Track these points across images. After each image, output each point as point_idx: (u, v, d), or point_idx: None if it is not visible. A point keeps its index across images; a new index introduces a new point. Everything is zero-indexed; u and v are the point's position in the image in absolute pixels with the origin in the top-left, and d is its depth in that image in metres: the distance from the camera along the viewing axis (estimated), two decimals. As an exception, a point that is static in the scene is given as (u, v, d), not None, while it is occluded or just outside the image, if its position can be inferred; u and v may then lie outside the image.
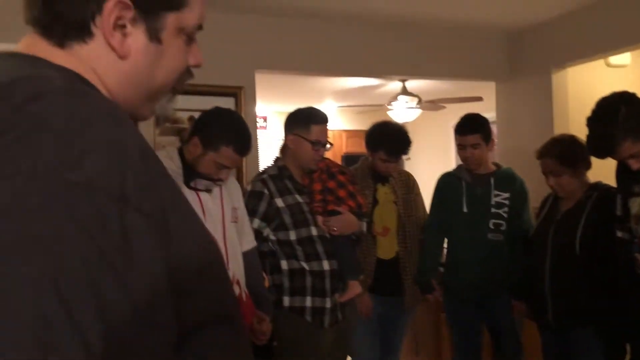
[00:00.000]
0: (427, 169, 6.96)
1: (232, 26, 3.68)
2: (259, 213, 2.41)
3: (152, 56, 0.75)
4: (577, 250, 2.51)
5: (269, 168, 2.57)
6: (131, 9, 0.71)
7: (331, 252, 2.48)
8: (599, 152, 2.18)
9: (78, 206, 0.55)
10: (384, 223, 3.06)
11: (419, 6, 3.74)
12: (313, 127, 2.47)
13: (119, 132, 0.62)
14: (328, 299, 2.45)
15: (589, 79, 4.23)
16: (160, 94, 0.81)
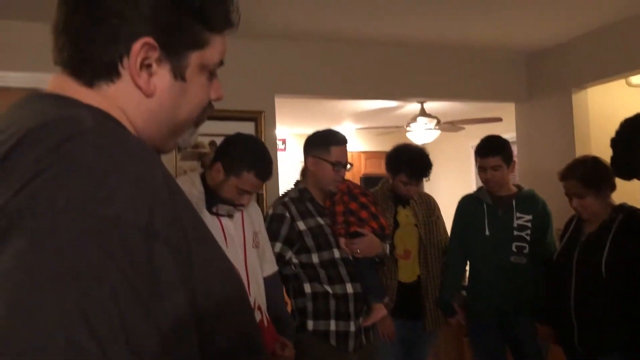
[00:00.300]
0: (447, 190, 6.94)
1: (252, 52, 3.73)
2: (281, 236, 2.40)
3: (177, 93, 0.78)
4: (603, 273, 2.47)
5: (290, 191, 2.58)
6: (157, 50, 0.74)
7: (354, 274, 2.46)
8: (623, 174, 2.15)
9: (107, 239, 0.58)
10: (405, 246, 3.04)
11: (437, 29, 3.75)
12: (333, 148, 2.48)
13: (147, 169, 0.65)
14: (352, 322, 2.42)
15: (609, 98, 4.19)
16: (184, 128, 0.84)
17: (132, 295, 0.57)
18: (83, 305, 0.54)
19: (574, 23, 3.73)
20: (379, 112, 6.77)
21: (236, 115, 3.57)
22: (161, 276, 0.60)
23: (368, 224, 2.53)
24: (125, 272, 0.57)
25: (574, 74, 4.07)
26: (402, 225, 3.06)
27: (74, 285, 0.54)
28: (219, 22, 0.79)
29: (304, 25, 3.56)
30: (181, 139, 0.86)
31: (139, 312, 0.57)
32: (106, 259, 0.57)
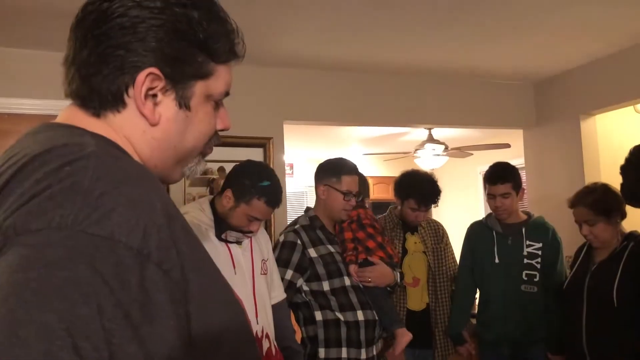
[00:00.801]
0: (455, 217, 6.91)
1: (261, 79, 3.77)
2: (292, 264, 2.40)
3: (182, 122, 0.80)
4: (614, 301, 2.44)
5: (300, 218, 2.58)
6: (162, 80, 0.76)
7: (365, 302, 2.44)
8: (634, 201, 2.14)
9: (99, 258, 0.58)
10: (413, 273, 3.02)
11: (445, 57, 3.78)
12: (344, 177, 2.49)
13: (144, 193, 0.66)
14: (363, 350, 2.40)
15: (618, 125, 4.19)
16: (190, 157, 0.85)
17: (120, 316, 0.57)
18: (67, 321, 0.54)
19: (581, 51, 3.75)
20: (386, 138, 6.79)
21: (245, 142, 3.59)
22: (152, 299, 0.60)
23: (374, 254, 2.52)
24: (115, 291, 0.57)
25: (582, 101, 4.07)
26: (410, 252, 3.05)
27: (60, 301, 0.55)
28: (224, 53, 0.81)
29: (313, 53, 3.60)
30: (187, 169, 0.86)
31: (126, 333, 0.57)
32: (95, 276, 0.57)
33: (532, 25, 3.22)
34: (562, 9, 3.00)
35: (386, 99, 4.14)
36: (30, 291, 0.55)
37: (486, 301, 3.03)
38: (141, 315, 0.59)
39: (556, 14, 3.07)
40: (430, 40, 3.45)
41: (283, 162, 3.91)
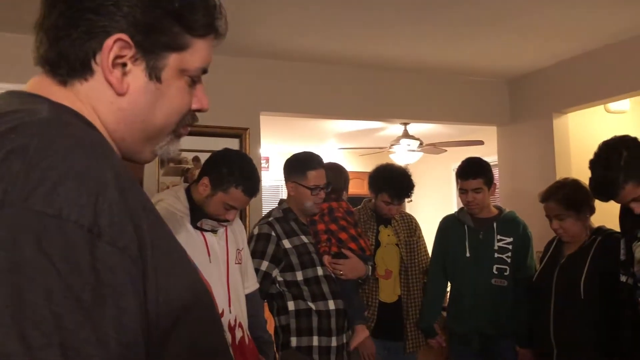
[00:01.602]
0: (428, 211, 6.97)
1: (238, 69, 3.75)
2: (268, 255, 2.43)
3: (151, 95, 0.76)
4: (581, 295, 2.50)
5: (273, 211, 2.60)
6: (131, 48, 0.73)
7: (337, 291, 2.49)
8: (601, 196, 2.19)
9: (46, 238, 0.55)
10: (386, 265, 3.05)
11: (422, 53, 3.81)
12: (309, 173, 2.51)
13: (96, 165, 0.62)
14: (334, 337, 2.45)
15: (589, 124, 4.28)
16: (161, 135, 0.81)
17: (70, 300, 0.54)
18: (13, 306, 0.52)
19: (554, 50, 3.81)
20: (362, 133, 6.81)
21: (221, 132, 3.58)
22: (104, 280, 0.57)
23: (346, 246, 2.56)
24: (63, 274, 0.54)
25: (554, 99, 4.15)
26: (383, 245, 3.07)
27: (5, 286, 0.52)
28: (202, 27, 0.78)
29: (291, 44, 3.60)
30: (159, 147, 0.82)
31: (77, 318, 0.54)
32: (43, 258, 0.54)
33: (507, 23, 3.27)
34: (536, 9, 3.05)
35: (363, 92, 4.15)
36: None
37: (457, 294, 3.07)
38: (93, 298, 0.55)
39: (530, 14, 3.11)
40: (406, 36, 3.47)
41: (259, 154, 3.91)
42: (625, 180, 2.03)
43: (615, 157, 2.06)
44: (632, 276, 2.21)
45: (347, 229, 2.59)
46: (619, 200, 2.12)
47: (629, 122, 4.41)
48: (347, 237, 2.57)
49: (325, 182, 2.55)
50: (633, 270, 2.19)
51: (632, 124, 4.37)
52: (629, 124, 4.33)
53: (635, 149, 2.09)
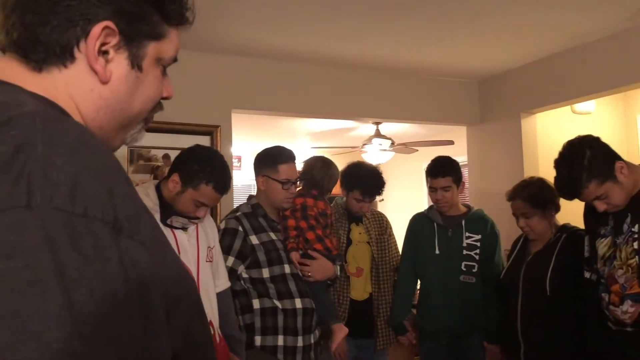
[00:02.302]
0: (400, 210, 7.03)
1: (209, 66, 3.73)
2: (234, 250, 2.38)
3: (132, 84, 0.76)
4: (547, 291, 2.55)
5: (242, 206, 2.56)
6: (116, 36, 0.72)
7: (304, 290, 2.46)
8: (566, 194, 2.23)
9: (78, 238, 0.54)
10: (357, 263, 3.06)
11: (394, 52, 3.84)
12: (280, 167, 2.48)
13: (104, 159, 0.62)
14: (300, 337, 2.41)
15: (556, 124, 4.37)
16: (134, 123, 0.82)
17: (109, 295, 0.55)
18: (66, 306, 0.52)
19: (522, 51, 3.88)
20: (335, 133, 6.84)
21: (191, 129, 3.54)
22: (130, 274, 0.58)
23: (312, 247, 2.52)
24: (100, 271, 0.55)
25: (523, 100, 4.22)
26: (355, 243, 3.09)
27: (55, 286, 0.52)
28: (177, 16, 0.79)
29: (264, 42, 3.59)
30: (129, 135, 0.83)
31: (116, 312, 0.55)
32: (81, 258, 0.54)
33: (477, 25, 3.31)
34: (505, 10, 3.10)
35: (335, 91, 4.17)
36: (22, 282, 0.51)
37: (426, 291, 3.10)
38: (125, 293, 0.57)
39: (499, 15, 3.16)
40: (379, 36, 3.50)
41: (231, 153, 3.88)
42: (589, 180, 2.08)
43: (579, 157, 2.10)
44: (595, 272, 2.26)
45: (314, 229, 2.56)
46: (582, 198, 2.17)
47: (595, 122, 4.51)
48: (313, 237, 2.54)
49: (297, 177, 2.53)
50: (596, 266, 2.25)
51: (598, 125, 4.48)
52: (594, 125, 4.43)
53: (597, 148, 2.14)
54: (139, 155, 3.57)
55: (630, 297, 2.08)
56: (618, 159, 2.13)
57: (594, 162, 2.08)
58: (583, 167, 2.08)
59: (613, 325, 2.17)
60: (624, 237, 2.13)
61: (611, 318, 2.16)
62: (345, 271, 2.99)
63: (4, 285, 0.50)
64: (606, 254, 2.20)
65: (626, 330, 2.12)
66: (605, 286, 2.18)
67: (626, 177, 2.09)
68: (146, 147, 3.53)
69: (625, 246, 2.12)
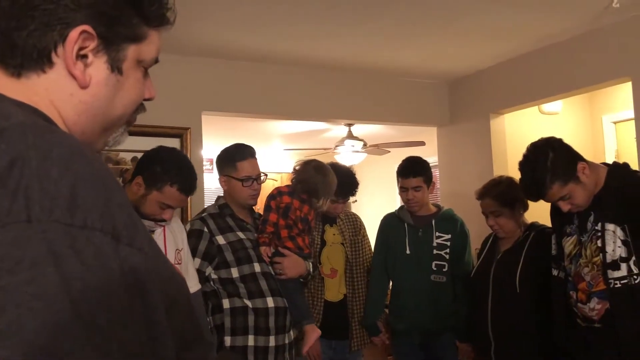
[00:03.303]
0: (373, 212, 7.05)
1: (179, 67, 3.69)
2: (200, 252, 2.36)
3: (113, 87, 0.75)
4: (517, 288, 2.58)
5: (209, 207, 2.55)
6: (95, 39, 0.71)
7: (276, 289, 2.42)
8: (531, 196, 2.26)
9: (80, 250, 0.54)
10: (331, 264, 3.06)
11: (365, 54, 3.86)
12: (239, 164, 2.46)
13: (96, 169, 0.62)
14: (272, 337, 2.37)
15: (524, 124, 4.44)
16: (116, 126, 0.81)
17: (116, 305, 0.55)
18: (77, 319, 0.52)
19: (491, 52, 3.93)
20: (307, 134, 6.83)
21: (161, 131, 3.50)
22: (130, 280, 0.58)
23: (284, 245, 2.49)
24: (104, 282, 0.55)
25: (492, 101, 4.28)
26: (329, 244, 3.08)
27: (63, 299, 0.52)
28: (157, 18, 0.78)
29: (234, 44, 3.57)
30: (112, 138, 0.82)
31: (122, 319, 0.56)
32: (85, 270, 0.54)
33: (447, 26, 3.35)
34: (473, 13, 3.14)
35: (307, 93, 4.17)
36: (27, 296, 0.50)
37: (398, 291, 3.12)
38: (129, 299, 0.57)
39: (468, 17, 3.20)
40: (350, 37, 3.51)
41: (201, 155, 3.85)
42: (552, 181, 2.10)
43: (542, 159, 2.12)
44: (563, 270, 2.30)
45: (291, 228, 2.54)
46: (547, 199, 2.20)
47: (561, 122, 4.59)
48: (286, 235, 2.51)
49: (258, 173, 2.49)
50: (564, 264, 2.29)
51: (564, 125, 4.56)
52: (561, 125, 4.51)
53: (560, 150, 2.16)
54: (107, 159, 3.52)
55: (597, 295, 2.11)
56: (580, 160, 2.15)
57: (557, 164, 2.11)
58: (546, 169, 2.10)
59: (582, 322, 2.20)
60: (588, 235, 2.16)
61: (580, 315, 2.20)
62: (320, 272, 2.99)
63: (9, 300, 0.50)
64: (572, 252, 2.24)
65: (594, 327, 2.15)
66: (572, 284, 2.22)
67: (588, 178, 2.12)
68: (114, 150, 3.49)
69: (589, 244, 2.15)
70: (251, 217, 2.59)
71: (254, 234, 2.51)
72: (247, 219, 2.54)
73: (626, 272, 2.04)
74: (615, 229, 2.07)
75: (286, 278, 2.47)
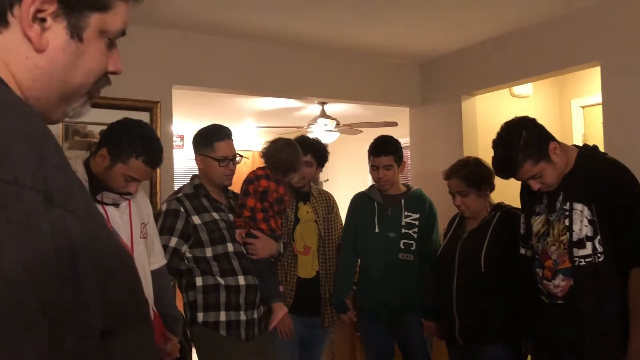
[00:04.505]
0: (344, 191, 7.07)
1: (149, 39, 3.61)
2: (177, 231, 2.40)
3: (71, 54, 0.74)
4: (482, 267, 2.62)
5: (184, 187, 2.57)
6: (54, 3, 0.69)
7: (247, 267, 2.49)
8: (502, 173, 2.29)
9: (8, 206, 0.54)
10: (305, 242, 3.05)
11: (339, 32, 3.83)
12: (217, 144, 2.50)
13: (34, 127, 0.61)
14: (242, 312, 2.45)
15: (495, 107, 4.47)
16: (76, 96, 0.79)
17: (43, 262, 0.54)
18: None
19: (463, 34, 3.94)
20: (280, 112, 6.79)
21: (130, 104, 3.42)
22: (60, 244, 0.57)
23: (257, 227, 2.55)
24: (31, 240, 0.54)
25: (463, 82, 4.29)
26: (302, 221, 3.08)
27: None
28: None
29: (207, 17, 3.50)
30: (71, 109, 0.80)
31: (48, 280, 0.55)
32: (12, 226, 0.53)
33: (420, 6, 3.33)
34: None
35: (280, 69, 4.12)
36: None
37: (366, 269, 3.14)
38: (57, 260, 0.56)
39: (442, -4, 3.19)
40: (324, 15, 3.47)
41: (171, 130, 3.79)
42: (524, 159, 2.14)
43: (515, 138, 2.16)
44: (530, 249, 2.34)
45: (267, 211, 2.58)
46: (518, 177, 2.23)
47: (531, 106, 4.64)
48: (262, 217, 2.56)
49: (234, 154, 2.53)
50: (531, 243, 2.33)
51: (534, 108, 4.61)
52: (531, 108, 4.56)
53: (533, 129, 2.20)
54: (75, 131, 3.44)
55: (562, 272, 2.16)
56: (552, 140, 2.19)
57: (530, 143, 2.14)
58: (519, 147, 2.14)
59: (546, 298, 2.25)
60: (557, 214, 2.20)
61: (544, 292, 2.24)
62: (293, 250, 2.99)
63: None
64: (540, 230, 2.27)
65: (558, 304, 2.20)
66: (539, 262, 2.26)
67: (559, 158, 2.16)
68: (82, 122, 3.41)
69: (557, 223, 2.19)
70: (225, 198, 2.63)
71: (228, 215, 2.56)
72: (222, 200, 2.59)
73: (591, 250, 2.09)
74: (583, 208, 2.11)
75: (257, 258, 2.54)
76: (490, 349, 2.63)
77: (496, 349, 2.62)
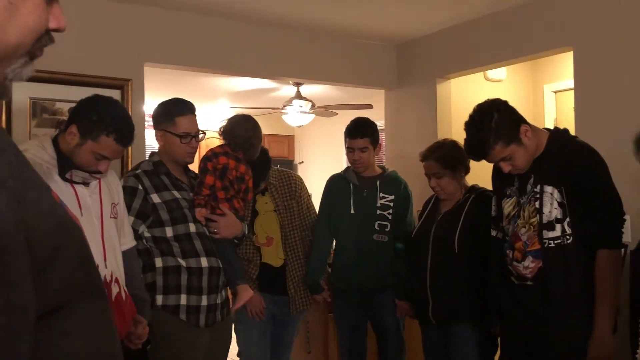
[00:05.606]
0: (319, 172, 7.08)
1: (121, 15, 3.52)
2: (134, 210, 2.30)
3: (4, 11, 0.68)
4: (455, 249, 2.65)
5: (143, 163, 2.47)
6: None
7: (210, 249, 2.40)
8: (474, 155, 2.31)
9: None
10: (266, 233, 2.98)
11: (315, 11, 3.79)
12: (178, 119, 2.38)
13: None
14: (205, 296, 2.36)
15: (470, 90, 4.49)
16: (14, 56, 0.73)
17: None
18: None
19: (439, 17, 3.93)
20: (255, 93, 6.73)
21: (100, 81, 3.33)
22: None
23: (219, 205, 2.46)
24: None
25: (438, 65, 4.30)
26: (261, 213, 3.00)
27: None
28: None
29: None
30: (11, 70, 0.74)
31: None
32: None
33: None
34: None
35: (254, 48, 4.07)
36: None
37: (340, 250, 3.14)
38: None
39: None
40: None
41: (143, 110, 3.72)
42: (495, 141, 2.15)
43: (487, 119, 2.17)
44: (501, 230, 2.37)
45: (228, 190, 2.50)
46: (489, 159, 2.25)
47: (505, 90, 4.67)
48: (223, 196, 2.48)
49: (197, 130, 2.43)
50: (502, 225, 2.35)
51: (508, 92, 4.64)
52: (505, 92, 4.58)
53: (505, 112, 2.21)
54: (43, 108, 3.35)
55: (531, 254, 2.19)
56: (524, 123, 2.21)
57: (501, 125, 2.15)
58: (490, 129, 2.15)
59: (515, 280, 2.28)
60: (527, 197, 2.23)
61: (514, 273, 2.28)
62: (254, 242, 2.94)
63: None
64: (511, 212, 2.30)
65: (527, 285, 2.23)
66: (509, 243, 2.29)
67: (530, 140, 2.18)
68: (51, 99, 3.32)
69: (528, 206, 2.22)
70: (186, 176, 2.53)
71: (189, 194, 2.46)
72: (183, 178, 2.49)
73: (560, 232, 2.12)
74: (553, 191, 2.14)
75: (220, 237, 2.44)
76: (463, 329, 2.67)
77: (468, 329, 2.66)
